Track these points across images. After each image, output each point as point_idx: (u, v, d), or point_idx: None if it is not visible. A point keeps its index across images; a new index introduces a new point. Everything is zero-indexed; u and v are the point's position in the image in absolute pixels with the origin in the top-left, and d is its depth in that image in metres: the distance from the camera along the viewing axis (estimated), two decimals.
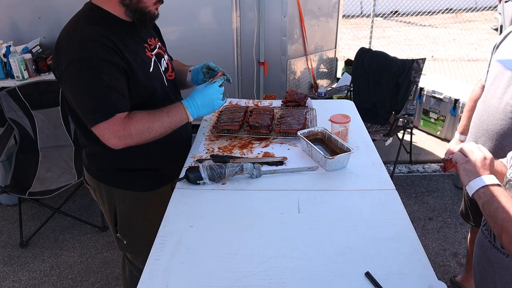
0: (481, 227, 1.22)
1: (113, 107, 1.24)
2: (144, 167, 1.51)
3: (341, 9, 3.83)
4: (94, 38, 1.22)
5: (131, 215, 1.57)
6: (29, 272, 2.46)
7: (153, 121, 1.31)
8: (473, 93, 1.87)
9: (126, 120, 1.27)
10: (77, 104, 1.27)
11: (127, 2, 1.29)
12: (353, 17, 9.12)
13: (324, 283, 0.98)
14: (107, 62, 1.22)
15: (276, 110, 1.92)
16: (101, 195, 1.56)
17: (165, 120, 1.34)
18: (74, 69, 1.21)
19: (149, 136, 1.32)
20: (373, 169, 1.45)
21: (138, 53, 1.35)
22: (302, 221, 1.19)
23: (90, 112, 1.25)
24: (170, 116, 1.35)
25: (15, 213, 2.86)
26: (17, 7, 3.14)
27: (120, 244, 1.65)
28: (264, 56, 3.06)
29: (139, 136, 1.29)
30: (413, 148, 3.67)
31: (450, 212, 2.88)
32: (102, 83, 1.22)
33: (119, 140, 1.27)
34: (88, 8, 1.32)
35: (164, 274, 1.01)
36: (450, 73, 5.94)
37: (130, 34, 1.36)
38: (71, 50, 1.22)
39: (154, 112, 1.33)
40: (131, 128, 1.26)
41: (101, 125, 1.24)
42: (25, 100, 2.79)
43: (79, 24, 1.27)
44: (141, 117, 1.29)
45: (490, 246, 1.15)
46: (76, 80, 1.23)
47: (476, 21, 8.82)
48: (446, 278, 2.29)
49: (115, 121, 1.24)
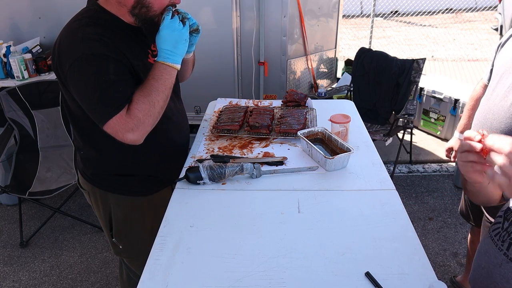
0: (491, 236, 1.04)
1: (120, 99, 1.20)
2: (140, 172, 1.48)
3: (341, 9, 3.83)
4: (97, 37, 1.20)
5: (126, 220, 1.55)
6: (29, 272, 2.46)
7: (149, 93, 1.24)
8: (474, 92, 1.87)
9: (127, 110, 1.22)
10: (86, 102, 1.22)
11: (137, 12, 1.26)
12: (353, 17, 9.12)
13: (324, 283, 0.98)
14: (111, 58, 1.20)
15: (276, 110, 1.92)
16: (96, 199, 1.54)
17: (157, 85, 1.25)
18: (79, 66, 1.18)
19: (155, 110, 1.24)
20: (373, 169, 1.45)
21: (141, 59, 1.33)
22: (302, 221, 1.19)
23: (100, 108, 1.20)
24: (159, 80, 1.26)
25: (15, 213, 2.86)
26: (17, 7, 3.14)
27: (116, 249, 1.64)
28: (264, 56, 3.06)
29: (147, 115, 1.22)
30: (413, 148, 3.67)
31: (450, 212, 2.88)
32: (109, 78, 1.19)
33: (133, 132, 1.21)
34: (94, 9, 1.28)
35: (164, 274, 1.01)
36: (450, 73, 5.93)
37: (134, 38, 1.33)
38: (74, 48, 1.19)
39: (143, 85, 1.26)
40: (135, 112, 1.20)
41: (111, 122, 1.19)
42: (25, 100, 2.79)
43: (81, 24, 1.24)
44: (136, 97, 1.23)
45: (506, 260, 0.97)
46: (82, 77, 1.19)
47: (476, 21, 8.82)
48: (446, 278, 2.29)
49: (122, 114, 1.19)
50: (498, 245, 1.00)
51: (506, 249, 0.97)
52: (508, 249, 0.97)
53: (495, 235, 1.02)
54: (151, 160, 1.46)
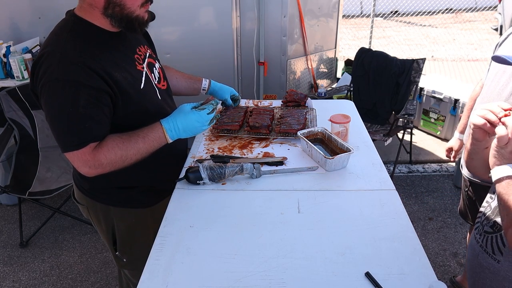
0: (473, 232, 1.21)
1: (85, 136, 1.17)
2: (141, 183, 1.45)
3: (341, 9, 3.84)
4: (75, 60, 1.13)
5: (130, 233, 1.52)
6: (29, 272, 2.46)
7: (127, 149, 1.22)
8: (474, 92, 1.87)
9: (96, 149, 1.19)
10: (51, 126, 1.19)
11: (110, 12, 1.19)
12: (353, 17, 9.12)
13: (324, 283, 0.98)
14: (86, 87, 1.14)
15: (276, 110, 1.92)
16: (96, 214, 1.49)
17: (141, 146, 1.24)
18: (50, 90, 1.13)
19: (123, 164, 1.24)
20: (373, 169, 1.45)
21: (127, 69, 1.26)
22: (302, 221, 1.19)
23: (61, 138, 1.18)
24: (147, 142, 1.26)
25: (15, 213, 2.86)
26: (17, 7, 3.14)
27: (119, 262, 1.61)
28: (264, 56, 3.06)
29: (112, 165, 1.22)
30: (413, 148, 3.67)
31: (450, 212, 2.88)
32: (77, 110, 1.13)
33: (89, 169, 1.20)
34: (71, 20, 1.22)
35: (164, 274, 1.01)
36: (450, 73, 5.94)
37: (118, 46, 1.27)
38: (50, 69, 1.13)
39: (129, 137, 1.24)
40: (101, 157, 1.18)
41: (71, 154, 1.18)
42: (25, 100, 2.78)
43: (61, 40, 1.18)
44: (113, 145, 1.20)
45: (481, 251, 1.14)
46: (51, 102, 1.15)
47: (476, 21, 8.82)
48: (446, 278, 2.29)
49: (85, 150, 1.17)
50: (476, 238, 1.16)
51: (482, 241, 1.13)
52: (483, 241, 1.13)
53: (475, 229, 1.18)
54: (152, 170, 1.43)
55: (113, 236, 1.53)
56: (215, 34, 2.97)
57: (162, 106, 1.41)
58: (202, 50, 3.02)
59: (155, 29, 1.58)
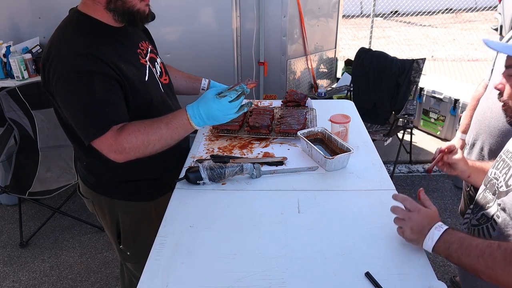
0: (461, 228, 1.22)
1: (105, 121, 1.18)
2: (146, 177, 1.46)
3: (341, 9, 3.84)
4: (83, 51, 1.16)
5: (134, 226, 1.53)
6: (29, 272, 2.46)
7: (148, 134, 1.21)
8: (476, 92, 1.87)
9: (117, 133, 1.18)
10: (71, 119, 1.22)
11: (113, 6, 1.22)
12: (353, 17, 9.12)
13: (324, 283, 0.98)
14: (98, 74, 1.17)
15: (276, 110, 1.92)
16: (101, 207, 1.51)
17: (164, 132, 1.23)
18: (64, 84, 1.16)
19: (146, 150, 1.22)
20: (373, 169, 1.45)
21: (132, 62, 1.29)
22: (302, 221, 1.19)
23: (84, 128, 1.20)
24: (170, 128, 1.23)
25: (15, 213, 2.86)
26: (17, 7, 3.14)
27: (123, 255, 1.62)
28: (264, 56, 3.06)
29: (135, 150, 1.20)
30: (413, 148, 3.67)
31: (450, 212, 2.88)
32: (93, 97, 1.16)
33: (115, 154, 1.20)
34: (75, 17, 1.25)
35: (164, 274, 1.01)
36: (450, 73, 5.94)
37: (121, 41, 1.30)
38: (60, 64, 1.16)
39: (151, 123, 1.23)
40: (123, 141, 1.18)
41: (96, 141, 1.18)
42: (25, 100, 2.79)
43: (67, 36, 1.21)
44: (133, 129, 1.20)
45: None
46: (67, 95, 1.18)
47: (476, 21, 8.82)
48: (446, 278, 2.29)
49: (108, 135, 1.17)
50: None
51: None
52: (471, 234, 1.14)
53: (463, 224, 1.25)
54: (156, 164, 1.44)
55: (118, 229, 1.55)
56: (215, 34, 2.97)
57: (165, 99, 1.43)
58: (202, 50, 3.01)
59: (155, 29, 1.58)
